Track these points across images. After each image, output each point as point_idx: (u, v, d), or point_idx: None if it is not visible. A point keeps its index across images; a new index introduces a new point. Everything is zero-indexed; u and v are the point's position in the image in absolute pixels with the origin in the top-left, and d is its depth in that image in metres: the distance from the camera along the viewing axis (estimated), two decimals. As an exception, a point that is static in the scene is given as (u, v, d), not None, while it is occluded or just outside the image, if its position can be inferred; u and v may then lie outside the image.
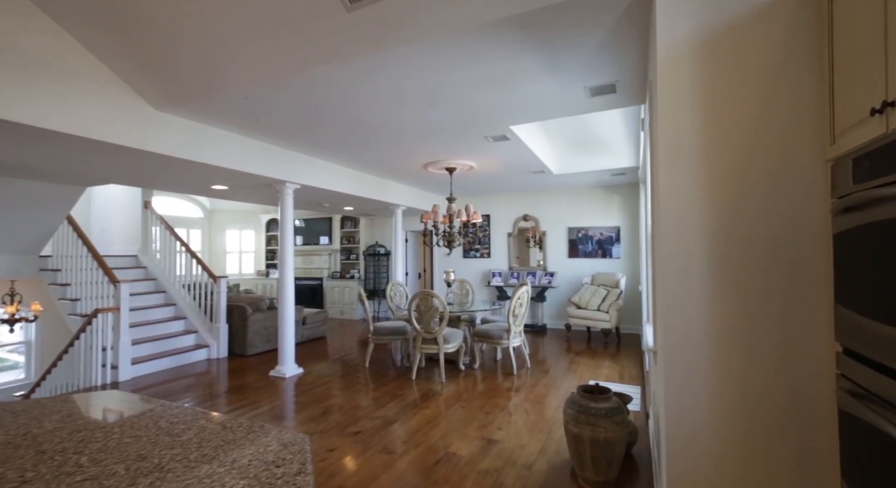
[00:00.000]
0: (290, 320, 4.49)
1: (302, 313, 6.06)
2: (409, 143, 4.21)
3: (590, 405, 2.16)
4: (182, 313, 5.46)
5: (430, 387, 3.99)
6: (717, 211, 1.56)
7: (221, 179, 4.31)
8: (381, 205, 6.61)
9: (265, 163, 4.16)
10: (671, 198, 1.62)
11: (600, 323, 5.83)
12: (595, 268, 6.92)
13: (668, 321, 1.61)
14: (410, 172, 5.56)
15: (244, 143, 3.94)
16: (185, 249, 5.62)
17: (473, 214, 4.99)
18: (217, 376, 4.46)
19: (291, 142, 4.16)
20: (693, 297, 1.57)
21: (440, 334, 4.20)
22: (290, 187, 4.52)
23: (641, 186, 5.11)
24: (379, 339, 4.74)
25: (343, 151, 4.50)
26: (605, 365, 4.77)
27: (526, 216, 7.43)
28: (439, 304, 4.15)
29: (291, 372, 4.44)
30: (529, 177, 5.98)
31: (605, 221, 6.88)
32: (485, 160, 4.90)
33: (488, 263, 7.77)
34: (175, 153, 3.31)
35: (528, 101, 3.13)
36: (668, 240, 1.62)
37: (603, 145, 5.38)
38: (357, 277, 8.61)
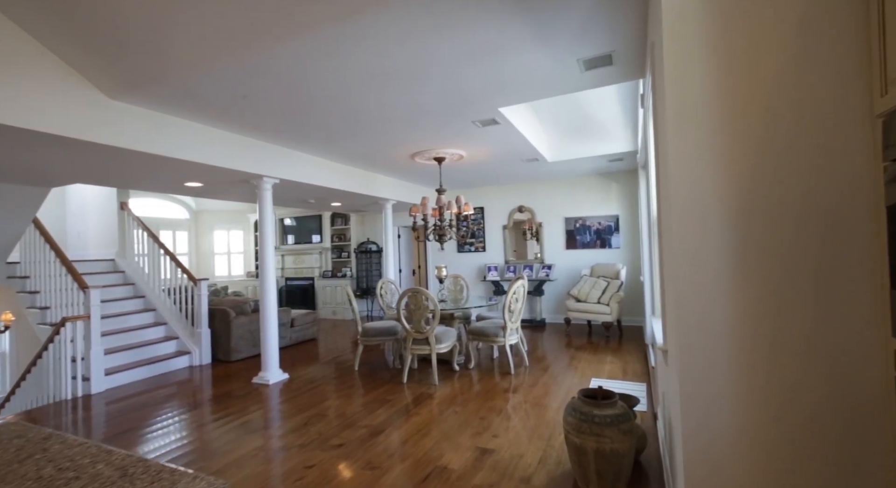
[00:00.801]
0: (273, 323, 4.24)
1: (290, 315, 5.80)
2: (394, 131, 3.93)
3: (593, 412, 1.92)
4: (162, 319, 5.20)
5: (422, 391, 3.75)
6: (736, 183, 1.30)
7: (193, 175, 4.03)
8: (370, 200, 6.34)
9: (239, 157, 3.88)
10: (681, 172, 1.36)
11: (601, 316, 5.59)
12: (594, 259, 6.68)
13: (680, 314, 1.36)
14: (398, 164, 5.29)
15: (215, 135, 3.66)
16: (164, 251, 5.35)
17: (465, 206, 4.72)
18: (197, 384, 4.21)
19: (267, 134, 3.89)
20: (710, 286, 1.32)
21: (431, 334, 3.95)
22: (269, 182, 4.25)
23: (641, 171, 4.85)
24: (368, 341, 4.49)
25: (324, 142, 4.23)
26: (608, 360, 4.53)
27: (521, 207, 7.17)
28: (429, 302, 3.90)
29: (275, 378, 4.19)
30: (523, 166, 5.71)
31: (603, 210, 6.63)
32: (474, 148, 4.63)
33: (484, 257, 7.52)
34: (134, 146, 3.03)
35: (517, 78, 2.86)
36: (678, 221, 1.36)
37: (599, 129, 5.12)
38: (349, 276, 8.36)
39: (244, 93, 3.14)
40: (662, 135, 1.52)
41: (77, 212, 6.06)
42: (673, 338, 1.44)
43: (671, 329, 1.51)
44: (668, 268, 1.59)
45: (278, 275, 9.23)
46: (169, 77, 2.58)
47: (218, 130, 3.68)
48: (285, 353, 5.41)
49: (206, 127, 3.58)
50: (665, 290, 1.78)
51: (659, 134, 1.71)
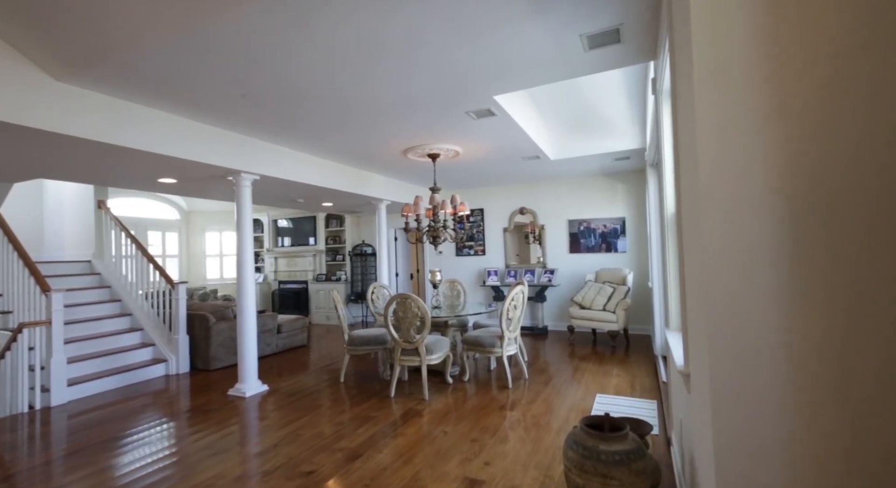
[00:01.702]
0: (251, 331, 3.92)
1: (276, 321, 5.49)
2: (383, 123, 3.63)
3: (598, 447, 1.58)
4: (139, 324, 4.90)
5: (410, 406, 3.41)
6: (794, 170, 0.97)
7: (164, 170, 3.74)
8: (363, 201, 6.03)
9: (214, 151, 3.59)
10: (717, 156, 1.04)
11: (606, 324, 5.24)
12: (599, 263, 6.33)
13: (715, 337, 1.02)
14: (390, 161, 4.98)
15: (185, 126, 3.36)
16: (142, 253, 5.05)
17: (460, 205, 4.40)
18: (169, 396, 3.89)
19: (244, 126, 3.59)
20: (756, 302, 0.99)
21: (421, 344, 3.62)
22: (248, 179, 3.95)
23: (650, 170, 4.52)
24: (355, 350, 4.16)
25: (308, 136, 3.93)
26: (614, 373, 4.18)
27: (522, 209, 6.84)
28: (419, 309, 3.57)
29: (253, 390, 3.86)
30: (523, 165, 5.39)
31: (608, 212, 6.29)
32: (471, 143, 4.31)
33: (483, 261, 7.19)
34: (89, 135, 2.74)
35: (513, 61, 2.55)
36: (716, 215, 1.03)
37: (604, 125, 4.80)
38: (343, 279, 8.04)
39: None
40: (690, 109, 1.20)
41: (54, 210, 5.79)
42: (701, 365, 1.11)
43: (698, 352, 1.18)
44: (693, 277, 1.26)
45: (271, 278, 8.94)
46: (112, 53, 2.28)
47: (189, 121, 3.39)
48: (270, 361, 5.09)
49: (175, 117, 3.29)
50: (687, 302, 1.45)
51: (682, 107, 1.38)
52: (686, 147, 1.29)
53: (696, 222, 1.12)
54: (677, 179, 1.55)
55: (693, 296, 1.29)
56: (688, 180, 1.29)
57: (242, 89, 2.82)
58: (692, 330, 1.33)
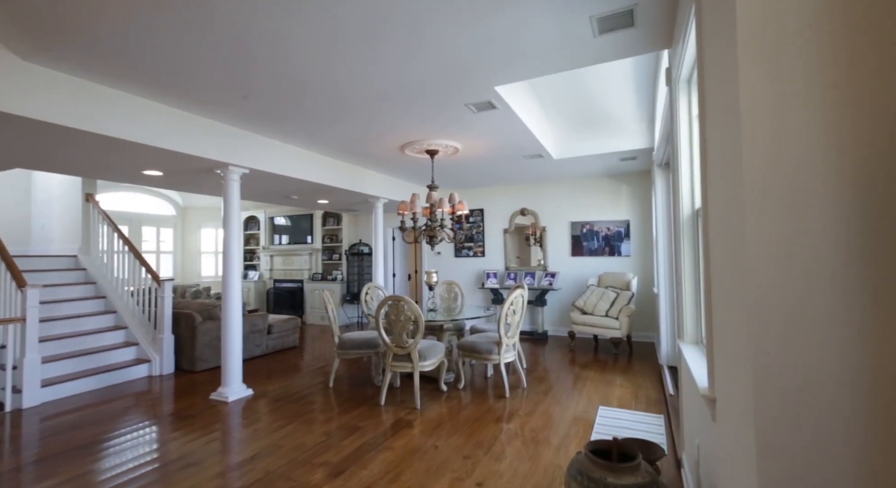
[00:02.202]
0: (236, 332, 3.72)
1: (266, 321, 5.30)
2: (378, 116, 3.44)
3: (606, 480, 1.38)
4: (123, 322, 4.71)
5: (401, 416, 3.21)
6: (872, 156, 0.78)
7: (149, 162, 3.55)
8: (360, 198, 5.85)
9: (201, 142, 3.40)
10: (773, 142, 0.84)
11: (609, 331, 5.03)
12: (602, 267, 6.12)
13: (765, 358, 0.83)
14: (387, 158, 4.79)
15: (170, 115, 3.18)
16: (129, 248, 4.87)
17: (459, 204, 4.21)
18: (148, 399, 3.70)
19: (233, 117, 3.40)
20: (826, 318, 0.79)
21: (414, 349, 3.42)
22: (236, 172, 3.76)
23: (658, 171, 4.32)
24: (346, 354, 3.97)
25: (300, 129, 3.74)
26: (617, 382, 3.97)
27: (524, 210, 6.64)
28: (412, 312, 3.37)
29: (236, 394, 3.67)
30: (526, 165, 5.19)
31: (612, 215, 6.09)
32: (471, 140, 4.12)
33: (483, 263, 6.99)
34: (59, 120, 2.55)
35: (516, 46, 2.36)
36: (769, 215, 0.83)
37: (610, 124, 4.60)
38: (340, 279, 7.85)
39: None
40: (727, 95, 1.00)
41: (42, 203, 5.62)
42: (738, 393, 0.91)
43: (731, 377, 0.98)
44: (725, 286, 1.07)
45: (266, 276, 8.75)
46: (83, 30, 2.09)
47: (172, 109, 3.20)
48: (259, 363, 4.90)
49: (156, 104, 3.10)
50: (714, 315, 1.25)
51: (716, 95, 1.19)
52: (720, 139, 1.09)
53: (736, 223, 0.92)
54: (704, 175, 1.35)
55: (724, 308, 1.09)
56: (722, 176, 1.10)
57: (228, 76, 2.63)
58: (721, 348, 1.13)
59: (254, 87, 2.82)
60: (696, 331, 1.99)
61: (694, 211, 2.00)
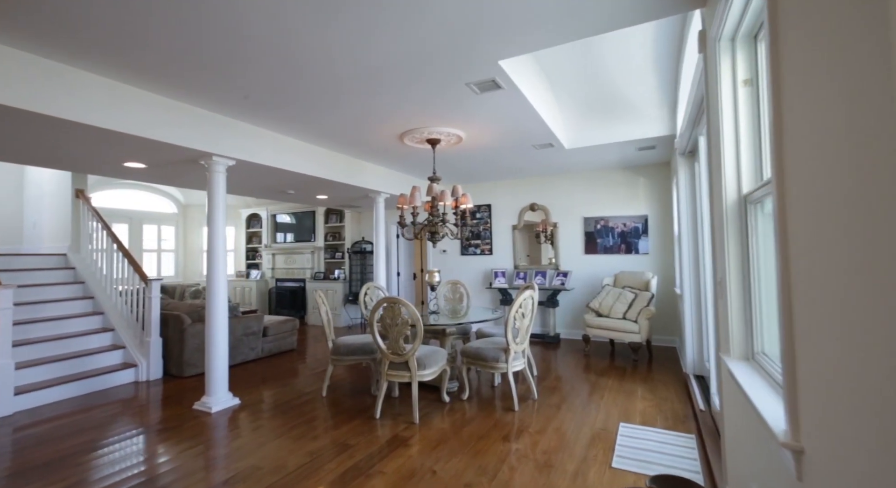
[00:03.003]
0: (221, 336, 3.45)
1: (262, 322, 5.03)
2: (373, 99, 3.11)
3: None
4: (111, 324, 4.48)
5: (396, 432, 2.90)
6: None
7: (127, 152, 3.29)
8: (360, 193, 5.55)
9: (183, 130, 3.12)
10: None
11: (627, 335, 4.65)
12: (618, 265, 5.73)
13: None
14: (385, 148, 4.47)
15: (148, 100, 2.90)
16: (118, 246, 4.64)
17: (462, 197, 3.87)
18: (128, 408, 3.45)
19: (215, 103, 3.12)
20: None
21: (413, 357, 3.09)
22: (221, 163, 3.48)
23: (681, 160, 3.93)
24: (340, 360, 3.67)
25: (291, 116, 3.44)
26: (638, 393, 3.60)
27: (533, 205, 6.27)
28: (410, 316, 3.05)
29: (221, 404, 3.39)
30: (535, 155, 4.83)
31: (628, 210, 5.69)
32: (474, 127, 3.77)
33: (490, 261, 6.64)
34: (18, 102, 2.28)
35: (524, 7, 2.01)
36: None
37: (627, 109, 4.21)
38: (342, 278, 7.58)
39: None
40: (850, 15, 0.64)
41: (34, 199, 5.43)
42: (863, 453, 0.56)
43: (846, 424, 0.63)
44: (836, 292, 0.72)
45: (268, 275, 8.53)
46: None
47: (151, 94, 2.93)
48: (253, 368, 4.63)
49: (135, 89, 2.82)
50: (801, 331, 0.90)
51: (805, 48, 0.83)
52: (827, 98, 0.74)
53: (876, 206, 0.57)
54: (778, 150, 0.99)
55: (828, 326, 0.74)
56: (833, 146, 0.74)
57: (212, 55, 2.33)
58: (819, 381, 0.78)
59: (242, 68, 2.52)
60: (747, 346, 1.62)
61: (740, 197, 1.63)
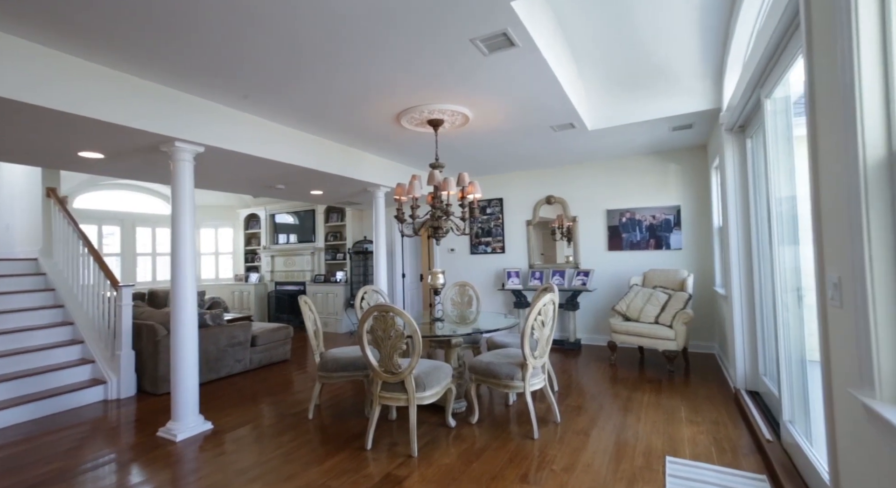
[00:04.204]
0: (189, 351, 2.96)
1: (249, 331, 4.55)
2: (358, 64, 2.59)
3: None
4: (81, 336, 4.04)
5: (388, 471, 2.36)
6: None
7: (75, 137, 2.82)
8: (358, 187, 5.04)
9: (135, 109, 2.65)
10: None
11: (661, 342, 4.04)
12: (646, 263, 5.12)
13: None
14: (382, 133, 3.94)
15: (93, 74, 2.43)
16: (88, 249, 4.20)
17: (469, 186, 3.33)
18: (86, 435, 2.98)
19: (175, 76, 2.63)
20: None
21: (409, 376, 2.56)
22: (186, 150, 2.99)
23: (728, 138, 3.32)
24: (328, 377, 3.15)
25: (266, 90, 2.94)
26: (682, 415, 3.00)
27: (550, 198, 5.69)
28: (406, 326, 2.52)
29: (189, 430, 2.90)
30: (552, 139, 4.25)
31: (658, 200, 5.07)
32: (483, 103, 3.22)
33: (502, 260, 6.08)
34: None
35: None
36: None
37: (661, 80, 3.61)
38: (343, 281, 7.08)
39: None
40: None
41: (6, 200, 5.04)
42: None
43: None
44: None
45: (267, 279, 8.08)
46: None
47: (99, 66, 2.45)
48: (239, 382, 4.15)
49: (78, 60, 2.35)
50: None
51: None
52: None
53: None
54: None
55: None
56: None
57: (143, 7, 1.83)
58: None
59: (200, 26, 2.02)
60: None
61: (891, 154, 1.06)
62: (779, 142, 2.39)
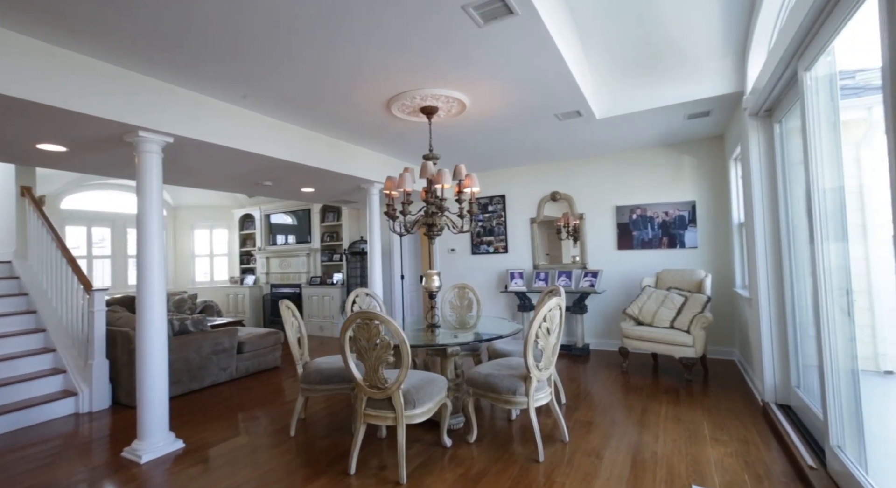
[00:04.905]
0: (157, 363, 2.68)
1: (235, 337, 4.27)
2: (344, 41, 2.30)
3: None
4: (53, 343, 3.79)
5: (373, 500, 2.06)
6: None
7: (32, 127, 2.55)
8: (351, 184, 4.76)
9: (98, 95, 2.38)
10: None
11: (678, 348, 3.71)
12: (659, 262, 4.78)
13: None
14: (373, 125, 3.66)
15: (46, 54, 2.16)
16: (62, 250, 3.95)
17: (467, 179, 3.03)
18: (46, 454, 2.71)
19: (143, 59, 2.36)
20: None
21: (397, 391, 2.26)
22: (154, 141, 2.71)
23: (753, 124, 3.00)
24: (312, 390, 2.86)
25: (238, 75, 2.66)
26: (705, 431, 2.68)
27: (555, 194, 5.37)
28: (392, 335, 2.22)
29: (156, 451, 2.61)
30: (558, 130, 3.94)
31: (671, 195, 4.74)
32: (480, 87, 2.92)
33: (505, 261, 5.76)
34: None
35: None
36: None
37: (676, 64, 3.30)
38: (340, 283, 6.80)
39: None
40: None
41: (-16, 201, 4.81)
42: None
43: None
44: None
45: (263, 281, 7.83)
46: None
47: (52, 46, 2.18)
48: (223, 392, 3.87)
49: (29, 39, 2.08)
50: None
51: None
52: None
53: None
54: None
55: None
56: None
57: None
58: None
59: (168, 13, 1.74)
60: None
61: None
62: (821, 124, 2.07)
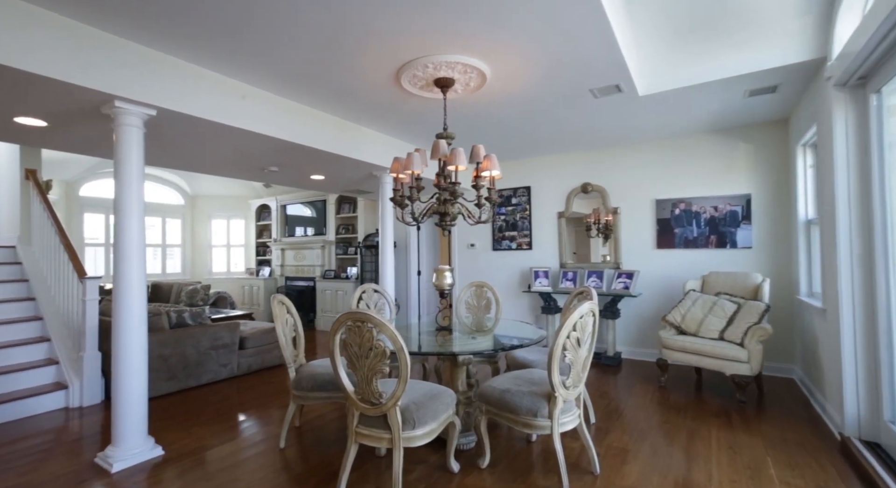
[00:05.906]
0: (135, 359, 2.40)
1: (237, 332, 4.02)
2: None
3: None
4: (49, 333, 3.62)
5: (358, 542, 1.70)
6: None
7: (5, 96, 2.31)
8: (363, 171, 4.42)
9: (71, 59, 2.10)
10: None
11: (729, 364, 3.19)
12: (706, 264, 4.23)
13: None
14: (382, 101, 3.28)
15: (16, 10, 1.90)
16: (61, 236, 3.77)
17: (485, 161, 2.62)
18: (19, 456, 2.48)
19: (124, 19, 2.06)
20: None
21: (394, 407, 1.88)
22: (133, 113, 2.42)
23: (838, 96, 2.47)
24: (304, 397, 2.53)
25: (230, 38, 2.34)
26: (770, 472, 2.19)
27: (586, 186, 4.88)
28: (388, 339, 1.84)
29: (130, 458, 2.34)
30: (592, 109, 3.46)
31: (721, 188, 4.18)
32: (503, 53, 2.49)
33: (529, 258, 5.31)
34: None
35: None
36: None
37: (738, 26, 2.76)
38: (355, 277, 6.51)
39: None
40: None
41: (-6, 184, 4.73)
42: None
43: None
44: None
45: (277, 273, 7.64)
46: None
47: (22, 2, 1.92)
48: (220, 391, 3.61)
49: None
50: None
51: None
52: None
53: None
54: None
55: None
56: None
57: None
58: None
59: None
60: None
61: None
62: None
